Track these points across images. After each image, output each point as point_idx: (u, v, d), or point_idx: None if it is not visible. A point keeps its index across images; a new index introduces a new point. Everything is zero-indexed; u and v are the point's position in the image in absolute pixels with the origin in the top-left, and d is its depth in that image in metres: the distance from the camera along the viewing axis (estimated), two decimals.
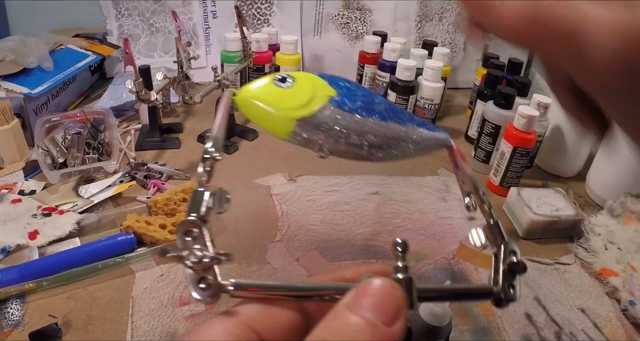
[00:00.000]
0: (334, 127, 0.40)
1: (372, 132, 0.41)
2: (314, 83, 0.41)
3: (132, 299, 0.67)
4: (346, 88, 0.43)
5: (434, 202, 0.92)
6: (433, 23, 1.39)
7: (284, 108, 0.40)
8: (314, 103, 0.40)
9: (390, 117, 0.43)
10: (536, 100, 0.94)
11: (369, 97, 0.43)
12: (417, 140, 0.44)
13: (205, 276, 0.29)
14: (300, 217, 0.85)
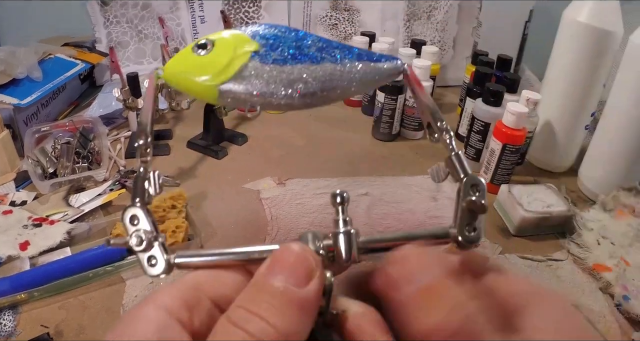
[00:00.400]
0: (256, 84, 0.39)
1: (302, 80, 0.40)
2: (236, 41, 0.41)
3: (122, 307, 0.67)
4: (273, 37, 0.41)
5: (424, 202, 0.92)
6: (421, 21, 1.39)
7: (204, 75, 0.39)
8: (233, 65, 0.39)
9: (323, 57, 0.41)
10: (525, 96, 0.94)
11: (299, 41, 0.42)
12: (356, 77, 0.41)
13: (153, 255, 0.32)
14: (290, 221, 0.85)
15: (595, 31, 0.89)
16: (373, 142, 1.14)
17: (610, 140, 0.92)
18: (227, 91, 0.39)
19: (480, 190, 0.33)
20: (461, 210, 0.33)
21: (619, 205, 0.85)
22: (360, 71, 0.41)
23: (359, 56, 0.41)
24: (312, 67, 0.40)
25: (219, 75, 0.39)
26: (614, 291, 0.73)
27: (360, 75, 0.41)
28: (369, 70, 0.42)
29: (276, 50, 0.40)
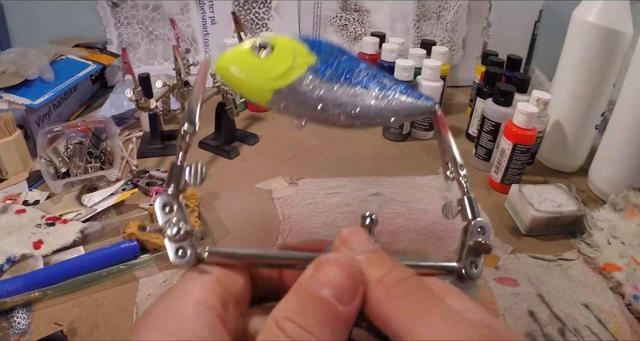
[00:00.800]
0: (310, 97, 0.39)
1: (350, 103, 0.40)
2: (294, 50, 0.40)
3: (136, 305, 0.68)
4: (328, 54, 0.41)
5: (435, 202, 0.92)
6: (431, 22, 1.39)
7: (261, 78, 0.39)
8: (291, 73, 0.39)
9: (372, 85, 0.42)
10: (535, 96, 0.94)
11: (351, 63, 0.42)
12: (397, 109, 0.42)
13: (182, 246, 0.33)
14: (301, 220, 0.85)
15: (605, 31, 0.89)
16: (384, 142, 1.14)
17: (620, 140, 0.91)
18: (281, 99, 0.39)
19: (486, 232, 0.38)
20: (468, 248, 0.37)
21: (629, 204, 0.85)
22: (402, 105, 0.42)
23: (402, 91, 0.42)
24: (361, 93, 0.41)
25: (276, 80, 0.39)
26: (625, 291, 0.73)
27: (400, 109, 0.42)
28: (408, 106, 0.42)
29: (331, 67, 0.41)
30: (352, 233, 0.33)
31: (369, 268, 0.31)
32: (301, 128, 0.40)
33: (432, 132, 1.16)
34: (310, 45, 0.41)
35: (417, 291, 0.29)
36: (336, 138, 1.14)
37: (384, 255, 0.32)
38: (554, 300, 0.72)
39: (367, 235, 0.34)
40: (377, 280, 0.30)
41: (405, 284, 0.30)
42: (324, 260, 0.31)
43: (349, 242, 0.33)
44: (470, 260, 0.37)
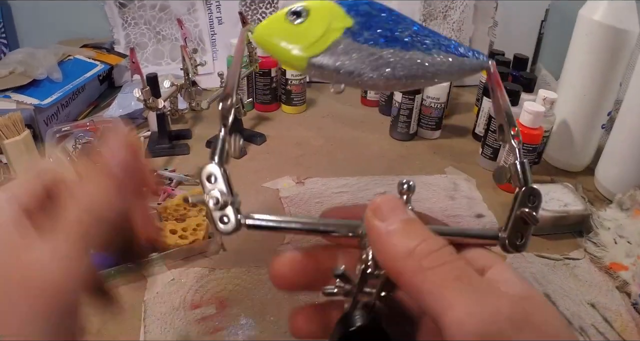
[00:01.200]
0: (345, 63, 0.38)
1: (390, 65, 0.38)
2: (330, 13, 0.39)
3: (144, 303, 0.68)
4: (366, 15, 0.39)
5: (442, 201, 0.93)
6: (438, 21, 1.39)
7: (295, 47, 0.38)
8: (326, 39, 0.38)
9: (414, 45, 0.39)
10: (542, 95, 0.94)
11: (392, 23, 0.40)
12: (441, 69, 0.40)
13: (225, 214, 0.34)
14: None
15: (611, 30, 0.89)
16: (391, 141, 1.15)
17: (627, 139, 0.91)
18: (317, 65, 0.38)
19: (537, 201, 0.36)
20: (514, 217, 0.35)
21: (636, 204, 0.85)
22: (446, 64, 0.40)
23: (447, 48, 0.40)
24: (402, 54, 0.38)
25: (311, 47, 0.38)
26: (631, 290, 0.74)
27: (446, 68, 0.40)
28: (455, 64, 0.40)
29: (369, 29, 0.39)
30: (384, 202, 0.33)
31: (401, 238, 0.30)
32: (339, 93, 0.40)
33: (439, 131, 1.16)
34: (347, 7, 0.39)
35: (449, 262, 0.29)
36: (343, 138, 1.14)
37: (417, 225, 0.32)
38: (560, 299, 0.73)
39: (400, 202, 0.33)
40: (409, 251, 0.30)
41: (437, 255, 0.29)
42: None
43: (380, 211, 0.32)
44: (517, 230, 0.35)
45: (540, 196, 0.36)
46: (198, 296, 0.70)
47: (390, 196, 0.33)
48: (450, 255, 0.30)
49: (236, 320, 0.66)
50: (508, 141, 0.38)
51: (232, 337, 0.64)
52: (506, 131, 0.38)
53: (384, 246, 0.31)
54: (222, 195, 0.34)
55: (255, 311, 0.68)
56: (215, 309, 0.68)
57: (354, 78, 0.37)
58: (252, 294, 0.70)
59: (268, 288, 0.71)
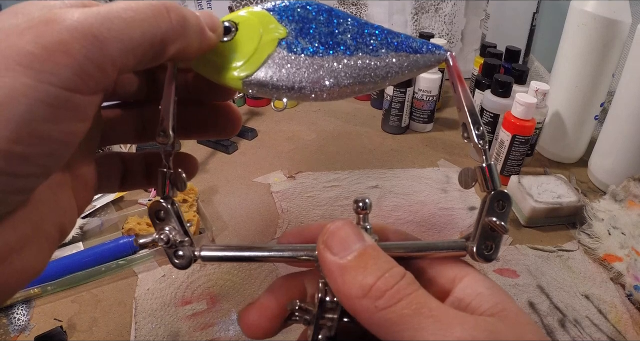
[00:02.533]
0: (282, 78, 0.35)
1: (332, 74, 0.35)
2: (261, 23, 0.36)
3: (135, 300, 0.68)
4: (302, 20, 0.36)
5: (435, 194, 0.92)
6: (429, 14, 1.39)
7: (227, 68, 0.35)
8: (258, 55, 0.35)
9: (358, 47, 0.36)
10: (534, 87, 0.94)
11: (333, 26, 0.36)
12: (392, 71, 0.36)
13: (178, 250, 0.34)
14: (300, 214, 0.85)
15: (603, 21, 0.88)
16: (382, 135, 1.14)
17: (619, 131, 0.91)
18: (253, 84, 0.35)
19: (506, 206, 0.33)
20: (482, 226, 0.33)
21: (629, 195, 0.85)
22: (397, 64, 0.36)
23: (397, 47, 0.37)
24: (345, 60, 0.36)
25: (243, 67, 0.35)
26: (625, 281, 0.73)
27: (397, 69, 0.36)
28: (407, 63, 0.37)
29: (306, 37, 0.36)
30: (335, 231, 0.31)
31: (355, 275, 0.29)
32: (281, 110, 0.37)
33: (431, 124, 1.16)
34: (280, 14, 0.36)
35: (407, 296, 0.28)
36: (334, 132, 1.14)
37: (372, 256, 0.30)
38: (554, 291, 0.72)
39: (353, 230, 0.31)
40: (363, 292, 0.28)
41: (394, 291, 0.28)
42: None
43: (332, 242, 0.31)
44: (486, 239, 0.33)
45: (509, 200, 0.33)
46: (189, 292, 0.69)
47: (342, 223, 0.32)
48: (408, 287, 0.29)
49: (227, 315, 0.66)
50: (472, 142, 0.35)
51: (223, 333, 0.64)
52: (470, 131, 0.35)
53: (337, 284, 0.30)
54: (172, 234, 0.33)
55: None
56: (206, 305, 0.67)
57: (294, 93, 0.35)
58: (243, 289, 0.70)
59: (259, 283, 0.71)
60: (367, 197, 0.33)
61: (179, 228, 0.34)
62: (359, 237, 0.31)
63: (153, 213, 0.34)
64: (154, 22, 0.28)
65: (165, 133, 0.34)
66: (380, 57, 0.36)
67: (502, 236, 0.33)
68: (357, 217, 0.34)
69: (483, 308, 0.30)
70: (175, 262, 0.34)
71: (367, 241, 0.31)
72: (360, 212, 0.33)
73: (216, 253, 0.34)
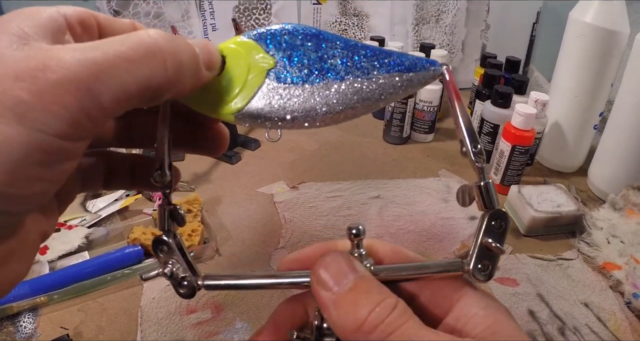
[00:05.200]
0: (273, 110, 0.34)
1: (324, 101, 0.34)
2: (248, 54, 0.35)
3: (140, 309, 0.68)
4: (289, 47, 0.35)
5: (435, 204, 0.93)
6: (430, 25, 1.40)
7: (217, 103, 0.34)
8: (248, 89, 0.34)
9: (348, 71, 0.35)
10: (534, 97, 0.95)
11: (321, 50, 0.35)
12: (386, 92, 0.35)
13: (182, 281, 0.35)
14: (303, 223, 0.86)
15: (602, 31, 0.89)
16: (384, 145, 1.15)
17: (619, 140, 0.92)
18: (245, 117, 0.34)
19: (504, 225, 0.33)
20: (479, 246, 0.33)
21: (628, 203, 0.86)
22: (391, 85, 0.35)
23: (389, 67, 0.35)
24: (336, 86, 0.34)
25: (234, 102, 0.34)
26: (624, 289, 0.74)
27: (391, 90, 0.35)
28: (401, 83, 0.35)
29: (294, 65, 0.35)
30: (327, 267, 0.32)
31: (347, 309, 0.30)
32: (276, 141, 0.37)
33: (432, 134, 1.17)
34: (266, 42, 0.35)
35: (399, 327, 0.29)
36: (336, 142, 1.15)
37: (363, 289, 0.31)
38: (554, 299, 0.73)
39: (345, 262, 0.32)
40: (356, 325, 0.29)
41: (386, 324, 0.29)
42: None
43: (325, 277, 0.31)
44: (482, 259, 0.33)
45: (507, 219, 0.33)
46: (193, 301, 0.70)
47: (335, 255, 0.32)
48: (399, 319, 0.29)
49: (231, 324, 0.67)
50: (470, 159, 0.34)
51: None
52: (467, 148, 0.35)
53: (331, 317, 0.31)
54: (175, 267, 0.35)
55: (250, 316, 0.68)
56: (211, 314, 0.68)
57: (287, 123, 0.34)
58: (247, 298, 0.71)
59: (263, 292, 0.72)
60: (360, 224, 0.34)
61: (181, 261, 0.35)
62: (352, 268, 0.32)
63: (156, 247, 0.36)
64: (149, 72, 0.28)
65: (162, 172, 0.35)
66: (372, 80, 0.35)
67: (499, 256, 0.33)
68: (351, 243, 0.34)
69: (476, 331, 0.31)
70: (180, 292, 0.35)
71: (359, 272, 0.32)
72: (354, 239, 0.34)
73: (219, 282, 0.36)
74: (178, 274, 0.35)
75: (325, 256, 0.33)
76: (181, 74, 0.30)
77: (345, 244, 0.35)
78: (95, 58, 0.26)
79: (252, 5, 1.35)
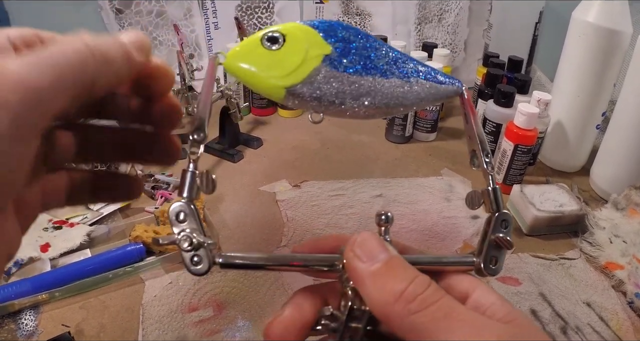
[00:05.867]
0: (325, 93, 0.36)
1: (370, 94, 0.37)
2: (308, 39, 0.37)
3: (142, 307, 0.68)
4: (345, 41, 0.38)
5: (438, 203, 0.93)
6: (432, 24, 1.40)
7: (272, 75, 0.36)
8: (305, 67, 0.36)
9: (392, 72, 0.38)
10: (536, 97, 0.95)
11: (370, 49, 0.38)
12: (420, 96, 0.39)
13: (197, 254, 0.33)
14: (305, 222, 0.86)
15: (604, 31, 0.89)
16: (386, 144, 1.15)
17: (621, 139, 0.92)
18: (295, 94, 0.36)
19: (508, 226, 0.36)
20: (489, 242, 0.36)
21: (631, 203, 0.86)
22: (425, 91, 0.39)
23: (425, 75, 0.40)
24: (381, 82, 0.38)
25: (289, 76, 0.36)
26: (626, 289, 0.74)
27: (424, 95, 0.39)
28: (433, 91, 0.40)
29: (347, 56, 0.37)
30: (364, 241, 0.33)
31: (385, 282, 0.31)
32: (318, 123, 0.38)
33: (435, 133, 1.16)
34: (325, 32, 0.38)
35: (436, 301, 0.30)
36: (339, 141, 1.15)
37: (399, 264, 0.32)
38: (556, 298, 0.73)
39: (379, 240, 0.33)
40: (395, 297, 0.30)
41: (424, 297, 0.30)
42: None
43: (361, 251, 0.32)
44: (492, 254, 0.36)
45: (511, 220, 0.37)
46: (195, 299, 0.70)
47: (368, 234, 0.33)
48: (435, 293, 0.31)
49: (233, 322, 0.67)
50: (481, 167, 0.39)
51: (229, 339, 0.64)
52: (479, 157, 0.39)
53: (368, 289, 0.31)
54: (194, 236, 0.33)
55: (252, 314, 0.68)
56: (213, 311, 0.68)
57: (335, 108, 0.37)
58: (249, 296, 0.71)
59: (265, 290, 0.72)
60: (389, 211, 0.36)
61: (199, 233, 0.33)
62: (384, 247, 0.33)
63: (174, 214, 0.33)
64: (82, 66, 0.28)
65: (203, 129, 0.35)
66: (410, 83, 0.38)
67: (505, 252, 0.36)
68: (379, 229, 0.36)
69: (498, 316, 0.32)
70: (192, 269, 0.33)
71: (391, 251, 0.33)
72: (383, 225, 0.36)
73: (236, 260, 0.35)
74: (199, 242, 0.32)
75: (359, 234, 0.33)
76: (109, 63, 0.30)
77: None
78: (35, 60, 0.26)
79: (254, 4, 1.35)
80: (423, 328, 0.29)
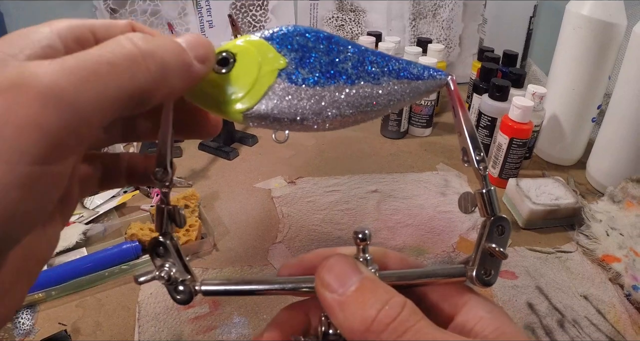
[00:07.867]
0: (283, 111, 0.33)
1: (334, 105, 0.33)
2: (260, 53, 0.34)
3: (138, 304, 0.68)
4: (301, 49, 0.34)
5: (433, 197, 0.93)
6: (427, 20, 1.40)
7: (226, 101, 0.33)
8: (258, 87, 0.33)
9: (359, 76, 0.34)
10: (531, 90, 0.95)
11: (333, 54, 0.35)
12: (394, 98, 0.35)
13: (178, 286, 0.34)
14: (300, 218, 0.86)
15: (599, 24, 0.89)
16: (381, 140, 1.15)
17: (617, 132, 0.92)
18: (253, 118, 0.33)
19: (505, 231, 0.34)
20: (482, 251, 0.34)
21: (627, 196, 0.86)
22: (399, 92, 0.35)
23: (398, 74, 0.35)
24: (347, 89, 0.34)
25: (243, 100, 0.33)
26: (624, 282, 0.74)
27: (399, 96, 0.35)
28: (409, 90, 0.35)
29: (306, 66, 0.34)
30: (331, 269, 0.31)
31: (355, 310, 0.29)
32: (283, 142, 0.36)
33: (430, 128, 1.16)
34: (279, 43, 0.34)
35: (410, 328, 0.28)
36: (334, 137, 1.14)
37: (370, 288, 0.30)
38: (553, 291, 0.73)
39: (347, 264, 0.31)
40: (365, 326, 0.28)
41: (397, 324, 0.28)
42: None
43: (330, 280, 0.31)
44: (485, 264, 0.33)
45: (509, 225, 0.34)
46: None
47: (337, 257, 0.32)
48: (410, 318, 0.29)
49: (229, 318, 0.67)
50: (473, 167, 0.35)
51: (225, 336, 0.64)
52: (470, 155, 0.35)
53: (339, 319, 0.30)
54: (172, 270, 0.33)
55: (248, 310, 0.68)
56: (209, 308, 0.68)
57: (297, 125, 0.33)
58: None
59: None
60: (366, 228, 0.33)
61: (178, 265, 0.34)
62: (355, 270, 0.31)
63: (152, 249, 0.34)
64: (130, 75, 0.25)
65: (164, 169, 0.34)
66: (382, 85, 0.35)
67: (501, 261, 0.34)
68: (357, 247, 0.34)
69: (486, 332, 0.31)
70: (176, 298, 0.34)
71: (364, 273, 0.31)
72: (360, 243, 0.34)
73: (217, 287, 0.35)
74: (177, 278, 0.33)
75: (328, 259, 0.32)
76: (166, 73, 0.27)
77: (347, 250, 0.35)
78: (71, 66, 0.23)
79: (249, 2, 1.35)
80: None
